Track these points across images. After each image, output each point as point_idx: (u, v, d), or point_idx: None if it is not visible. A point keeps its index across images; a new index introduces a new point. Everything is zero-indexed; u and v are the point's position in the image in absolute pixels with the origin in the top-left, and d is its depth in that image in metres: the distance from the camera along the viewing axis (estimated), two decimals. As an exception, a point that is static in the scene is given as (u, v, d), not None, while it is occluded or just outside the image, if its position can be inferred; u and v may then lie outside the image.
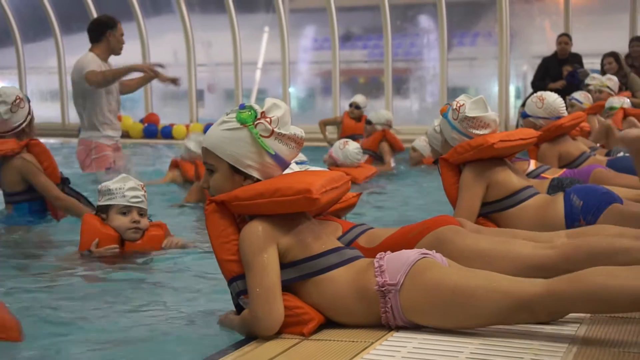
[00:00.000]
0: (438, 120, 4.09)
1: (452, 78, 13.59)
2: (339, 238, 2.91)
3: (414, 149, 8.87)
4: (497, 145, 3.61)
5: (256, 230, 2.38)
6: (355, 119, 10.57)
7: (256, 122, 2.43)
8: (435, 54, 13.63)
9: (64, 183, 5.09)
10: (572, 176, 4.43)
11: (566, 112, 5.23)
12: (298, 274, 2.42)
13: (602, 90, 7.81)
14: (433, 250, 2.50)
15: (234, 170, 2.47)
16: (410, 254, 2.40)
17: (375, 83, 14.66)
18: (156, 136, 14.34)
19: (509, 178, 3.72)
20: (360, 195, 3.43)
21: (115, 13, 8.59)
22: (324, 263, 2.42)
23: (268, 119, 2.43)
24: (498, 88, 12.87)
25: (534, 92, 6.07)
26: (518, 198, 3.69)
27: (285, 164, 2.52)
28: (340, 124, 10.84)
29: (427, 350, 2.17)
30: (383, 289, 2.34)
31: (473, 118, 3.67)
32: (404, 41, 14.54)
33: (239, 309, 2.47)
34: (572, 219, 3.48)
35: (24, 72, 16.77)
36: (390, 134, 9.06)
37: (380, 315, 2.36)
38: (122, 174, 4.18)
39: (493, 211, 3.72)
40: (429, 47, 14.11)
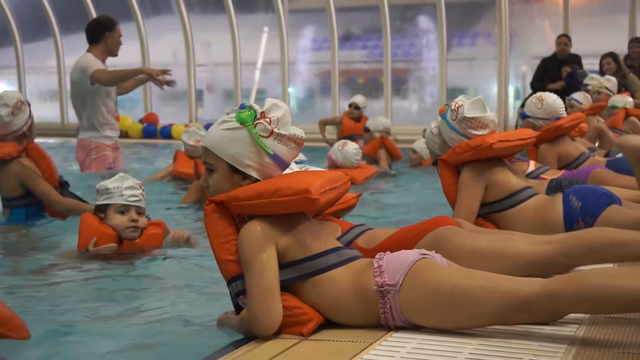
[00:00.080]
0: (435, 122, 4.09)
1: (452, 78, 13.60)
2: (338, 238, 2.92)
3: (414, 151, 8.86)
4: (496, 145, 3.61)
5: (255, 230, 2.38)
6: (354, 120, 10.56)
7: (256, 122, 2.43)
8: (434, 55, 13.63)
9: (63, 186, 5.07)
10: (571, 177, 4.43)
11: (565, 113, 5.23)
12: (297, 274, 2.41)
13: (601, 91, 7.81)
14: (432, 250, 2.50)
15: (233, 169, 2.47)
16: (409, 255, 2.40)
17: (374, 83, 14.66)
18: (155, 136, 14.34)
19: (508, 179, 3.72)
20: (359, 196, 3.43)
21: (114, 13, 8.60)
22: (323, 263, 2.42)
23: (268, 119, 2.43)
24: (497, 89, 12.88)
25: (533, 93, 6.06)
26: (517, 199, 3.68)
27: (284, 164, 2.52)
28: (339, 124, 10.83)
29: (427, 350, 2.17)
30: (382, 290, 2.34)
31: (472, 118, 3.66)
32: (404, 41, 14.54)
33: (238, 309, 2.47)
34: (571, 220, 3.48)
35: (23, 72, 16.77)
36: (388, 141, 9.03)
37: (379, 315, 2.36)
38: (120, 173, 4.18)
39: (492, 212, 3.72)
40: (429, 48, 14.11)
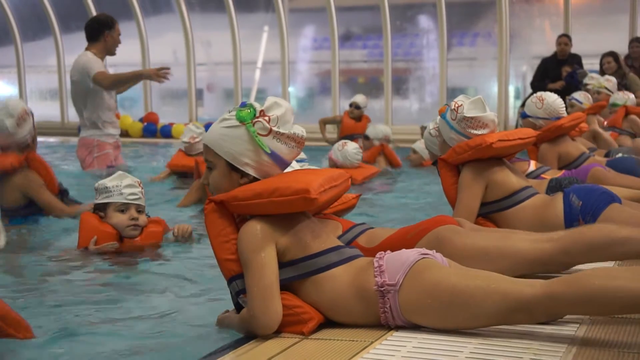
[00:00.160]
0: (433, 123, 4.09)
1: (452, 78, 13.59)
2: (339, 237, 2.91)
3: (414, 151, 8.87)
4: (496, 144, 3.60)
5: (254, 229, 2.37)
6: (355, 119, 10.56)
7: (254, 121, 2.42)
8: (434, 54, 13.63)
9: (63, 194, 5.07)
10: (571, 176, 4.43)
11: (566, 113, 5.24)
12: (297, 273, 2.41)
13: (601, 91, 7.82)
14: (433, 250, 2.49)
15: (232, 167, 2.47)
16: (410, 254, 2.39)
17: (374, 83, 14.66)
18: (155, 135, 14.34)
19: (508, 178, 3.71)
20: (359, 196, 3.44)
21: (114, 12, 8.60)
22: (323, 262, 2.42)
23: (267, 118, 2.42)
24: (497, 88, 12.88)
25: (533, 93, 6.06)
26: (517, 198, 3.68)
27: (284, 163, 2.51)
28: (339, 123, 10.83)
29: (427, 349, 2.17)
30: (382, 289, 2.33)
31: (471, 118, 3.66)
32: (404, 41, 14.53)
33: (239, 308, 2.47)
34: (572, 219, 3.47)
35: (23, 71, 16.77)
36: (388, 149, 8.99)
37: (379, 315, 2.36)
38: (119, 171, 4.18)
39: (492, 211, 3.71)
40: (429, 47, 14.10)
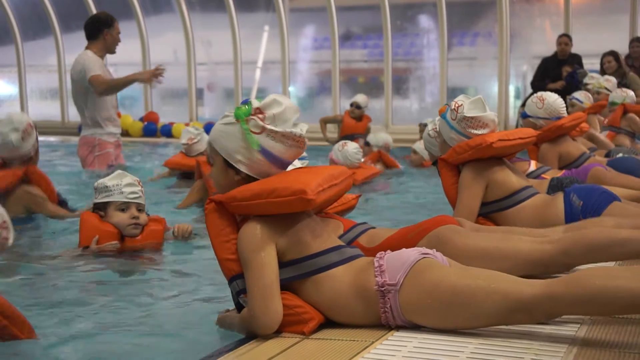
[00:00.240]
0: (433, 124, 4.10)
1: (452, 78, 13.59)
2: (340, 236, 2.91)
3: (415, 152, 8.87)
4: (496, 144, 3.60)
5: (254, 229, 2.37)
6: (355, 119, 10.56)
7: (249, 118, 2.42)
8: (435, 54, 13.63)
9: (62, 205, 5.08)
10: (571, 176, 4.42)
11: (566, 113, 5.23)
12: (298, 273, 2.41)
13: (600, 91, 7.82)
14: (433, 249, 2.49)
15: (227, 164, 2.49)
16: (410, 254, 2.39)
17: (375, 83, 14.65)
18: (156, 135, 14.35)
19: (508, 178, 3.71)
20: (359, 196, 3.43)
21: (115, 11, 8.59)
22: (324, 261, 2.42)
23: (262, 116, 2.42)
24: (498, 88, 12.87)
25: (534, 93, 6.06)
26: (517, 198, 3.68)
27: (281, 162, 2.48)
28: (340, 123, 10.83)
29: (428, 349, 2.17)
30: (383, 289, 2.33)
31: (471, 118, 3.66)
32: (404, 41, 14.53)
33: (240, 308, 2.47)
34: (572, 219, 3.45)
35: (24, 70, 16.76)
36: (385, 156, 8.97)
37: (379, 315, 2.35)
38: (118, 170, 4.18)
39: (492, 211, 3.71)
40: (429, 47, 14.10)
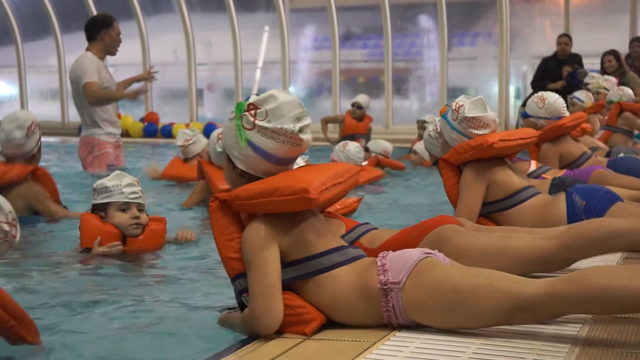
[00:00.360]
0: (432, 125, 4.09)
1: (452, 78, 13.58)
2: (343, 236, 2.91)
3: (415, 152, 8.87)
4: (497, 144, 3.61)
5: (258, 229, 2.37)
6: (357, 119, 10.56)
7: (242, 114, 2.41)
8: (435, 54, 13.62)
9: None
10: (572, 176, 4.42)
11: (567, 113, 5.24)
12: (301, 273, 2.41)
13: (600, 91, 7.82)
14: (435, 249, 2.49)
15: (229, 159, 2.50)
16: (413, 253, 2.39)
17: (375, 83, 14.65)
18: (156, 135, 14.34)
19: (510, 178, 3.72)
20: (360, 199, 3.44)
21: (115, 12, 8.60)
22: (327, 261, 2.42)
23: (253, 112, 2.40)
24: (498, 88, 12.87)
25: (534, 93, 6.06)
26: (519, 198, 3.68)
27: (275, 158, 2.44)
28: (341, 123, 10.83)
29: (430, 349, 2.17)
30: (385, 288, 2.33)
31: (472, 118, 3.67)
32: (404, 41, 14.52)
33: (242, 307, 2.46)
34: (575, 220, 3.44)
35: (24, 71, 16.76)
36: (384, 161, 8.94)
37: (381, 314, 2.36)
38: (116, 171, 4.17)
39: (494, 211, 3.72)
40: (429, 47, 14.10)
